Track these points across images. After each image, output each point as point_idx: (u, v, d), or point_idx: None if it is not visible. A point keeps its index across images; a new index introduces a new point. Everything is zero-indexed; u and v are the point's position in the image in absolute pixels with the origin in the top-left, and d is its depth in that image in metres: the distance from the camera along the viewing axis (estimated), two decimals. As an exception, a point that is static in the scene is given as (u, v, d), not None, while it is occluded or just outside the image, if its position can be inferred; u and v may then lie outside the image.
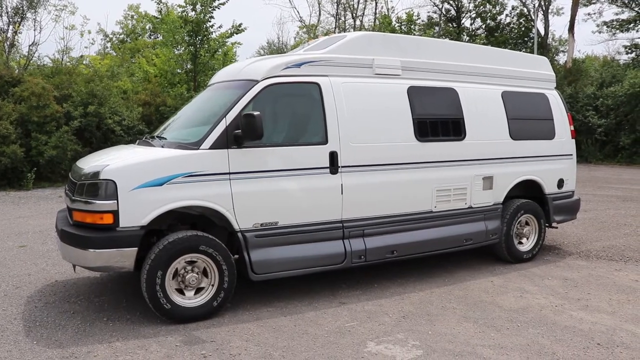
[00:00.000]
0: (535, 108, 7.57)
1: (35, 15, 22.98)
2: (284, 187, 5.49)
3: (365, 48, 6.21)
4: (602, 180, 16.85)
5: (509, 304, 5.68)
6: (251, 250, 5.32)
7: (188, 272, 5.10)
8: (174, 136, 5.96)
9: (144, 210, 4.90)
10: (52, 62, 22.45)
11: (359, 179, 5.87)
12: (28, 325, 5.04)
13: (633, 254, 7.76)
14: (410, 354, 4.46)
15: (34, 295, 5.92)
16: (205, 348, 4.54)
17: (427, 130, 6.39)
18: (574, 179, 7.98)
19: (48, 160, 15.39)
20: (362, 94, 6.00)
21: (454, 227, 6.63)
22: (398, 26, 33.46)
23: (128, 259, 4.91)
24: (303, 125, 5.92)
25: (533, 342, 4.69)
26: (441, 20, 38.88)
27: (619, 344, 4.67)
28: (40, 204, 12.52)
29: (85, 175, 5.03)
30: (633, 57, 32.17)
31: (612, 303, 5.71)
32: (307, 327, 5.01)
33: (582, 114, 23.05)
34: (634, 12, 32.69)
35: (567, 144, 7.85)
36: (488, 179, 6.89)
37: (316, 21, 41.57)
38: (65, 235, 5.08)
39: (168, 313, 5.00)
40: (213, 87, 6.58)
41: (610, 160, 22.44)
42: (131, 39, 38.54)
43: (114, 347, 4.55)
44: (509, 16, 37.76)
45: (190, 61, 22.87)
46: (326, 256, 5.71)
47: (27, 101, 15.66)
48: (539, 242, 7.48)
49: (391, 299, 5.82)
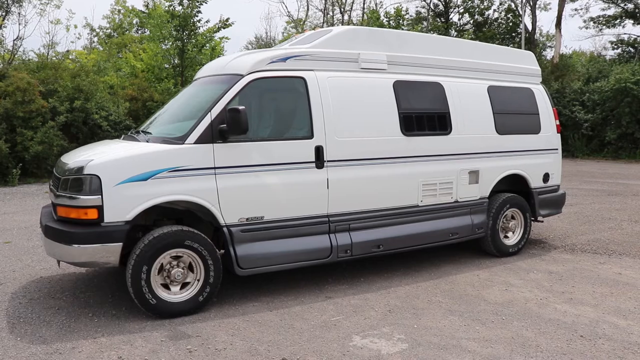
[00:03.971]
0: (521, 102, 7.62)
1: (19, 9, 22.75)
2: (270, 181, 5.48)
3: (351, 42, 6.20)
4: (587, 174, 17.00)
5: (495, 297, 5.72)
6: (237, 245, 5.31)
7: (173, 267, 5.09)
8: (159, 131, 5.94)
9: (129, 205, 4.87)
10: (37, 57, 22.24)
11: (344, 174, 5.87)
12: (12, 322, 5.00)
13: (617, 247, 7.84)
14: (396, 347, 4.48)
15: (18, 292, 5.88)
16: (191, 343, 4.53)
17: (413, 124, 6.41)
18: (559, 173, 8.05)
19: (34, 156, 15.27)
20: (348, 89, 6.00)
21: (440, 222, 6.66)
22: (386, 21, 33.53)
23: (113, 255, 4.88)
24: (289, 120, 5.91)
25: (517, 335, 4.73)
26: (429, 15, 38.97)
27: (602, 335, 4.72)
28: (26, 200, 12.41)
29: (69, 170, 5.00)
30: (619, 52, 32.46)
31: (595, 296, 5.76)
32: (293, 322, 5.02)
33: (569, 109, 23.25)
34: (620, 8, 32.96)
35: (553, 138, 7.91)
36: (474, 173, 6.92)
37: (304, 16, 41.58)
38: (50, 231, 5.04)
39: (154, 308, 4.98)
40: (198, 82, 6.54)
41: (596, 154, 22.65)
42: (118, 34, 38.17)
43: (99, 343, 4.53)
44: (496, 11, 38.05)
45: (177, 56, 22.76)
46: (312, 250, 5.71)
47: (12, 96, 15.50)
48: (525, 236, 7.53)
49: (377, 293, 5.84)
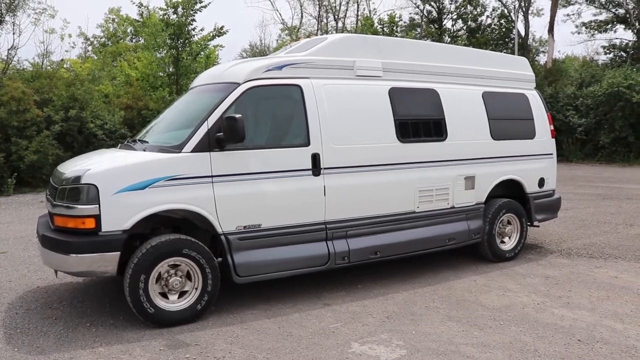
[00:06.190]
0: (515, 108, 7.66)
1: (14, 18, 22.72)
2: (267, 189, 5.49)
3: (346, 50, 6.23)
4: (582, 178, 17.07)
5: (492, 302, 5.73)
6: (234, 252, 5.31)
7: (171, 275, 5.08)
8: (155, 140, 5.94)
9: (126, 214, 4.87)
10: (32, 66, 22.24)
11: (341, 181, 5.89)
12: (9, 332, 4.98)
13: (612, 251, 7.87)
14: (395, 354, 4.48)
15: (15, 302, 5.85)
16: (190, 351, 4.53)
17: (408, 131, 6.43)
18: (554, 178, 8.08)
19: (29, 165, 15.21)
20: (344, 96, 6.02)
21: (437, 227, 6.67)
22: (380, 28, 33.67)
23: (111, 264, 4.88)
24: (285, 128, 5.93)
25: (515, 340, 4.74)
26: (423, 21, 39.13)
27: (599, 339, 4.74)
28: (21, 210, 12.37)
29: (66, 179, 5.00)
30: (611, 57, 32.65)
31: (592, 300, 5.79)
32: (291, 329, 5.02)
33: (563, 113, 23.35)
34: (611, 13, 33.21)
35: (548, 143, 7.95)
36: (470, 179, 6.95)
37: (298, 23, 41.62)
38: (47, 241, 5.03)
39: (152, 317, 4.98)
40: (195, 90, 6.56)
41: (591, 159, 22.74)
42: (112, 43, 38.20)
43: (97, 353, 4.51)
44: (489, 17, 38.14)
45: (172, 64, 22.80)
46: (310, 258, 5.72)
47: (7, 106, 15.46)
48: (521, 241, 7.55)
49: (375, 299, 5.84)
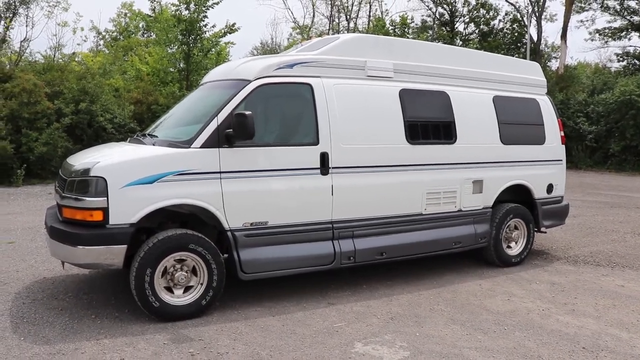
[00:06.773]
0: (526, 113, 7.62)
1: (27, 11, 22.91)
2: (274, 187, 5.50)
3: (357, 50, 6.22)
4: (591, 186, 16.97)
5: (497, 307, 5.71)
6: (241, 249, 5.32)
7: (177, 270, 5.10)
8: (165, 134, 5.96)
9: (134, 207, 4.89)
10: (43, 59, 22.37)
11: (349, 180, 5.89)
12: (15, 322, 5.01)
13: (620, 259, 7.82)
14: (398, 355, 4.48)
15: (21, 292, 5.89)
16: (193, 346, 4.54)
17: (418, 133, 6.42)
18: (563, 185, 8.04)
19: (38, 157, 15.33)
20: (354, 96, 6.02)
21: (444, 230, 6.66)
22: (392, 29, 33.62)
23: (117, 257, 4.90)
24: (294, 126, 5.93)
25: (519, 345, 4.73)
26: (435, 24, 39.07)
27: (604, 348, 4.71)
28: (30, 201, 12.45)
29: (75, 172, 5.02)
30: (624, 65, 32.48)
31: (597, 308, 5.76)
32: (295, 327, 5.02)
33: (573, 120, 23.21)
34: (626, 20, 33.01)
35: (557, 149, 7.91)
36: (478, 183, 6.93)
37: (310, 22, 41.64)
38: (55, 232, 5.06)
39: (156, 311, 4.99)
40: (205, 86, 6.58)
41: (600, 166, 22.58)
42: (124, 37, 38.36)
43: (101, 344, 4.54)
44: (502, 21, 38.09)
45: (183, 60, 22.88)
46: (315, 257, 5.72)
47: (18, 97, 15.58)
48: (528, 246, 7.52)
49: (380, 300, 5.84)
